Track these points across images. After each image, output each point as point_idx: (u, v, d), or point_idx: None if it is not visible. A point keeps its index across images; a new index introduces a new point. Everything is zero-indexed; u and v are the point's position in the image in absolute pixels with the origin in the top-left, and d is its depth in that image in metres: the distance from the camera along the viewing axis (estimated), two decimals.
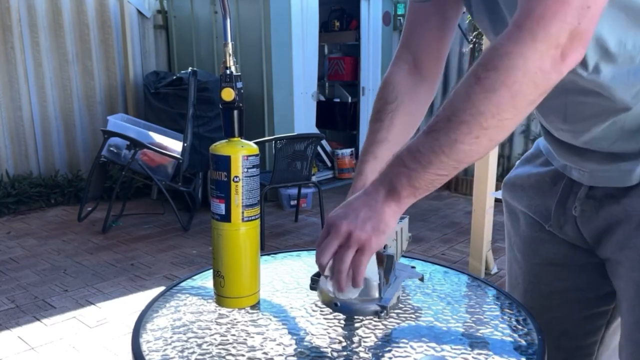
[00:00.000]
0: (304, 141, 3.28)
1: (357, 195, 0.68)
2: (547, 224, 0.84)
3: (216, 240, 0.75)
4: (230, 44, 0.73)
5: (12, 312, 2.36)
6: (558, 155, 0.82)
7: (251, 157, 0.73)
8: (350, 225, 0.64)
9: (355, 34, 4.98)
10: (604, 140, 0.71)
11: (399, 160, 0.64)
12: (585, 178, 0.77)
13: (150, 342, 0.69)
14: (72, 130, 4.42)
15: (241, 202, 0.73)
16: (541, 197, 0.85)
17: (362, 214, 0.65)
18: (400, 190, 0.64)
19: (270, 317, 0.75)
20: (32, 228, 3.60)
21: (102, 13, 4.45)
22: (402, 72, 0.86)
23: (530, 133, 4.37)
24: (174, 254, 3.11)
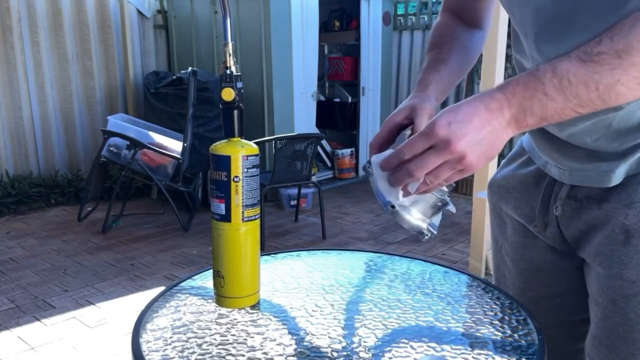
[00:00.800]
0: (304, 141, 3.28)
1: (476, 105, 0.57)
2: (532, 224, 0.83)
3: (216, 240, 0.75)
4: (231, 44, 0.73)
5: (12, 312, 2.36)
6: (540, 150, 0.80)
7: (251, 157, 0.73)
8: (467, 148, 0.56)
9: (355, 34, 4.98)
10: (588, 136, 0.69)
11: (538, 83, 0.55)
12: (566, 176, 0.76)
13: (150, 342, 0.69)
14: (72, 130, 4.42)
15: (241, 202, 0.73)
16: (526, 198, 0.84)
17: (483, 135, 0.56)
18: (527, 117, 0.56)
19: (270, 317, 0.75)
20: (32, 228, 3.60)
21: (102, 13, 4.45)
22: (451, 17, 0.86)
23: None
24: (174, 254, 3.11)
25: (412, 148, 0.59)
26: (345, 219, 3.86)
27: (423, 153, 0.58)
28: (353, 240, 3.40)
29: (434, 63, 0.79)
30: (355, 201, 4.32)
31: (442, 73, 0.78)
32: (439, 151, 0.57)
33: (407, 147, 0.59)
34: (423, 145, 0.58)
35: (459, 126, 0.57)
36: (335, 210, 4.08)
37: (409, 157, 0.59)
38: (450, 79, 0.80)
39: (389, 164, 0.62)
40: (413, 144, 0.59)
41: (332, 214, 3.93)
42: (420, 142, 0.58)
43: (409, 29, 5.17)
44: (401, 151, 0.60)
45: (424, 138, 0.58)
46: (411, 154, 0.59)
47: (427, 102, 0.72)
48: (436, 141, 0.57)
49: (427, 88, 0.75)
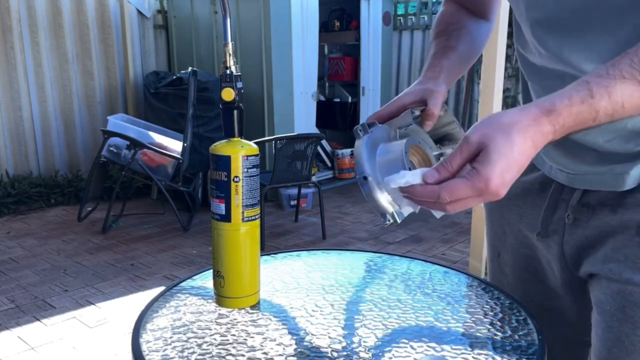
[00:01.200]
0: (304, 141, 3.28)
1: (526, 147, 0.52)
2: (535, 232, 0.79)
3: (216, 240, 0.75)
4: (230, 44, 0.73)
5: (12, 312, 2.36)
6: (545, 155, 0.76)
7: (251, 157, 0.73)
8: (500, 183, 0.53)
9: (355, 34, 4.98)
10: (601, 136, 0.66)
11: (592, 111, 0.52)
12: (577, 181, 0.72)
13: (150, 342, 0.69)
14: (72, 130, 4.42)
15: (241, 202, 0.73)
16: (530, 206, 0.80)
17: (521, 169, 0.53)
18: (558, 136, 0.54)
19: (270, 317, 0.75)
20: (32, 228, 3.60)
21: (102, 13, 4.45)
22: (457, 7, 0.84)
23: None
24: (174, 254, 3.11)
25: (454, 194, 0.54)
26: (345, 219, 3.86)
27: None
28: (353, 240, 3.40)
29: (443, 50, 0.77)
30: (355, 201, 4.32)
31: (452, 61, 0.76)
32: (482, 196, 0.54)
33: (448, 191, 0.54)
34: (467, 194, 0.54)
35: (511, 177, 0.53)
36: (335, 210, 4.08)
37: (449, 201, 0.55)
38: (459, 67, 0.78)
39: (419, 196, 0.57)
40: (456, 190, 0.54)
41: (332, 214, 3.93)
42: (466, 190, 0.54)
43: (409, 29, 5.17)
44: (442, 196, 0.55)
45: (471, 188, 0.53)
46: (452, 198, 0.55)
47: (440, 87, 0.71)
48: (486, 193, 0.54)
49: (439, 74, 0.73)
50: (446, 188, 0.54)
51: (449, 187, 0.54)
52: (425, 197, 0.56)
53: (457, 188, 0.54)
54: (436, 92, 0.70)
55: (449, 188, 0.54)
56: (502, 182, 0.53)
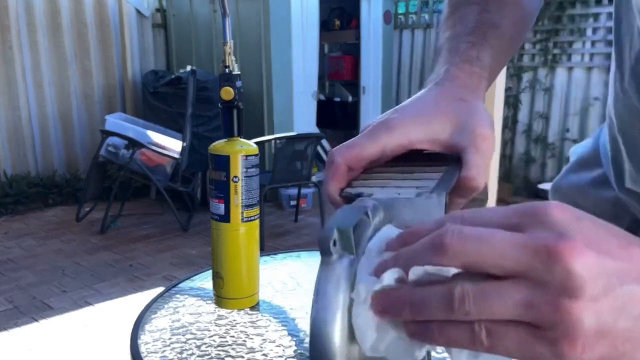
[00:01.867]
0: (303, 141, 3.28)
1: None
2: None
3: (215, 241, 0.74)
4: (230, 43, 0.73)
5: (11, 313, 2.36)
6: (633, 178, 0.55)
7: (250, 156, 0.72)
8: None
9: (355, 32, 4.98)
10: None
11: None
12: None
13: (149, 344, 0.68)
14: (70, 130, 4.42)
15: (240, 202, 0.72)
16: None
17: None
18: None
19: (269, 318, 0.75)
20: (31, 228, 3.59)
21: (101, 12, 4.44)
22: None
23: (532, 133, 4.37)
24: (173, 255, 3.11)
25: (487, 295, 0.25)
26: None
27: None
28: None
29: (480, 28, 0.44)
30: None
31: (495, 49, 0.44)
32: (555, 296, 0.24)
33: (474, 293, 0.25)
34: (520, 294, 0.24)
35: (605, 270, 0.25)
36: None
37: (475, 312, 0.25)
38: (503, 60, 0.48)
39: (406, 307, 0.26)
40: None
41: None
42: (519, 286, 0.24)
43: (409, 27, 5.17)
44: (457, 297, 0.25)
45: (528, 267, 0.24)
46: (486, 306, 0.24)
47: (485, 117, 0.38)
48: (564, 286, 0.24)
49: (479, 82, 0.41)
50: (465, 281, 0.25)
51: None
52: (423, 305, 0.25)
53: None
54: (480, 135, 0.37)
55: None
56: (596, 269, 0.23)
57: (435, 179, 0.36)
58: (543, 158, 4.33)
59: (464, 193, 0.38)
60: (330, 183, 0.38)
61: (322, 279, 0.29)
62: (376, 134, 0.38)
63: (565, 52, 4.13)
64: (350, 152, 0.38)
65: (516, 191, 4.36)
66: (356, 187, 0.37)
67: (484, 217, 0.26)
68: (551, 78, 4.22)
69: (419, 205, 0.33)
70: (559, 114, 4.24)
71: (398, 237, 0.29)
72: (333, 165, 0.38)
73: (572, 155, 0.72)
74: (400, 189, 0.35)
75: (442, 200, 0.33)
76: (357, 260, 0.29)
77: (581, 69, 4.09)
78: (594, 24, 4.00)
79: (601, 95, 4.01)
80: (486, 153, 0.37)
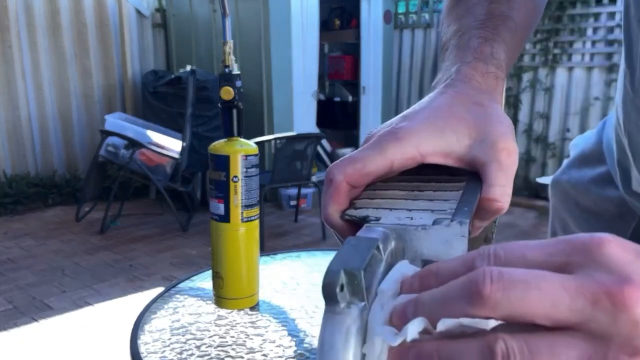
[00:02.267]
0: (303, 141, 3.28)
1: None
2: None
3: (215, 241, 0.74)
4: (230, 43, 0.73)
5: (10, 313, 2.35)
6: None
7: (250, 156, 0.72)
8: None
9: (355, 32, 4.98)
10: None
11: None
12: None
13: (149, 344, 0.68)
14: (70, 130, 4.41)
15: (240, 203, 0.72)
16: (603, 228, 0.59)
17: None
18: None
19: (269, 318, 0.74)
20: (30, 228, 3.59)
21: (100, 12, 4.44)
22: None
23: (532, 132, 4.36)
24: (173, 255, 3.11)
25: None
26: None
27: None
28: None
29: (491, 20, 0.40)
30: None
31: (508, 44, 0.40)
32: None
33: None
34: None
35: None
36: None
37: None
38: (514, 55, 0.43)
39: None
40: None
41: None
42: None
43: (409, 27, 5.17)
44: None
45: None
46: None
47: (503, 125, 0.34)
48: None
49: (496, 82, 0.37)
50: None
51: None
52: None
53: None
54: (503, 149, 0.32)
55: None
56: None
57: (452, 199, 0.31)
58: (544, 158, 4.33)
59: (486, 216, 0.33)
60: (329, 204, 0.32)
61: (328, 332, 0.24)
62: (383, 145, 0.32)
63: (565, 52, 4.13)
64: (353, 167, 0.32)
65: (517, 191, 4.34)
66: (360, 207, 0.32)
67: (523, 254, 0.22)
68: (551, 78, 4.22)
69: (437, 235, 0.28)
70: (559, 114, 4.24)
71: (418, 277, 0.24)
72: (333, 183, 0.32)
73: (573, 148, 0.69)
74: (412, 212, 0.30)
75: (465, 229, 0.28)
76: (368, 307, 0.24)
77: (581, 69, 4.09)
78: (594, 23, 3.99)
79: (601, 95, 4.01)
80: (510, 169, 0.32)
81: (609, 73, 3.94)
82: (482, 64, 0.37)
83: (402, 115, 0.34)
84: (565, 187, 0.67)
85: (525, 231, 3.58)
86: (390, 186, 0.34)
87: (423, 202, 0.31)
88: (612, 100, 3.94)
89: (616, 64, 3.87)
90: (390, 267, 0.26)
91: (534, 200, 4.14)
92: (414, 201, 0.32)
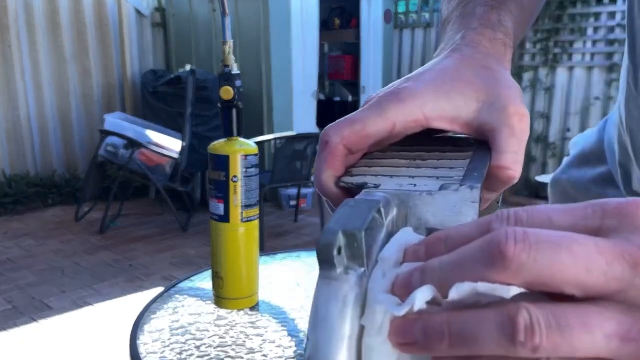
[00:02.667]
0: (303, 141, 3.27)
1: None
2: None
3: (215, 241, 0.74)
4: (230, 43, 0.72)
5: (10, 314, 2.35)
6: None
7: (250, 156, 0.72)
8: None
9: (355, 32, 4.98)
10: None
11: None
12: None
13: (148, 344, 0.68)
14: (69, 130, 4.41)
15: (240, 203, 0.72)
16: None
17: None
18: None
19: (269, 318, 0.74)
20: (30, 228, 3.58)
21: (100, 12, 4.43)
22: None
23: (533, 132, 4.36)
24: (173, 255, 3.10)
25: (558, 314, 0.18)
26: None
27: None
28: None
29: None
30: None
31: (515, 17, 0.37)
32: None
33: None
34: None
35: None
36: None
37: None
38: (520, 34, 0.41)
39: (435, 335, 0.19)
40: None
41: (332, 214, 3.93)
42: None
43: (410, 27, 5.16)
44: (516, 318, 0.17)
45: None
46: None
47: (514, 90, 0.31)
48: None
49: (505, 49, 0.34)
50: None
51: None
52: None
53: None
54: (515, 113, 0.30)
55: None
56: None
57: (459, 167, 0.28)
58: (544, 158, 4.33)
59: (496, 186, 0.30)
60: (324, 170, 0.30)
61: (322, 300, 0.21)
62: (384, 106, 0.30)
63: (566, 52, 4.13)
64: (352, 128, 0.29)
65: (517, 191, 4.36)
66: (357, 175, 0.30)
67: (549, 217, 0.19)
68: (552, 78, 4.21)
69: (444, 201, 0.26)
70: (559, 114, 4.24)
71: (425, 243, 0.21)
72: (328, 146, 0.29)
73: (573, 147, 0.68)
74: (415, 179, 0.28)
75: (477, 195, 0.25)
76: (368, 274, 0.21)
77: (582, 69, 4.08)
78: (595, 23, 3.99)
79: (602, 94, 4.01)
80: (522, 135, 0.30)
81: (609, 73, 3.94)
82: (489, 30, 0.34)
83: (405, 77, 0.32)
84: (565, 186, 0.66)
85: None
86: (390, 155, 0.31)
87: (427, 170, 0.29)
88: (612, 100, 3.94)
89: (617, 64, 3.87)
90: (391, 236, 0.23)
91: (535, 200, 4.14)
92: (417, 169, 0.29)
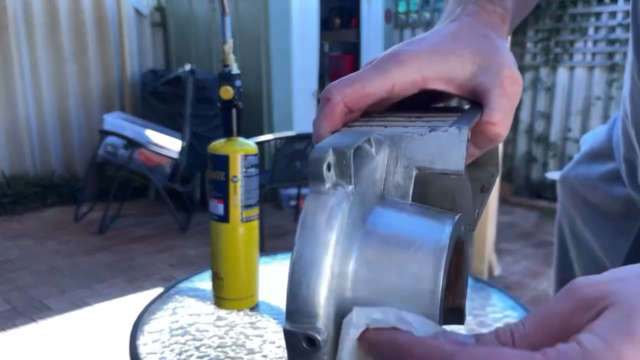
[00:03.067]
0: (304, 140, 3.27)
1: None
2: (611, 264, 0.59)
3: (214, 241, 0.73)
4: (229, 42, 0.72)
5: (9, 314, 2.35)
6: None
7: (250, 156, 0.71)
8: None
9: (355, 32, 4.97)
10: None
11: None
12: None
13: (148, 345, 0.67)
14: (68, 129, 4.41)
15: (240, 203, 0.71)
16: (610, 227, 0.60)
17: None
18: None
19: (269, 319, 0.74)
20: (29, 229, 3.58)
21: (99, 11, 4.43)
22: None
23: (533, 132, 4.36)
24: (172, 255, 3.10)
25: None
26: None
27: None
28: None
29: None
30: None
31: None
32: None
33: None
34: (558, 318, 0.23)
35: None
36: None
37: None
38: (518, 17, 0.42)
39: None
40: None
41: None
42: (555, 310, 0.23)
43: (410, 26, 5.16)
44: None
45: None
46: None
47: (508, 56, 0.33)
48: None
49: (503, 19, 0.36)
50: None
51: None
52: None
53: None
54: (507, 76, 0.32)
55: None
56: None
57: (451, 120, 0.30)
58: (545, 158, 4.33)
59: (483, 142, 0.32)
60: (323, 124, 0.31)
61: (310, 211, 0.22)
62: (384, 67, 0.31)
63: (566, 51, 4.13)
64: (352, 87, 0.31)
65: (518, 191, 4.36)
66: (354, 127, 0.31)
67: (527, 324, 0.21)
68: (553, 77, 4.21)
69: (434, 141, 0.27)
70: (560, 114, 4.23)
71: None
72: (330, 103, 0.31)
73: (584, 144, 0.68)
74: (408, 128, 0.29)
75: (464, 135, 0.27)
76: (354, 192, 0.23)
77: (583, 68, 4.08)
78: (595, 22, 3.99)
79: (603, 94, 4.00)
80: (513, 97, 0.32)
81: (610, 72, 3.93)
82: (489, 4, 0.36)
83: (405, 42, 0.34)
84: (573, 183, 0.67)
85: (526, 231, 3.57)
86: (387, 116, 0.33)
87: (420, 123, 0.31)
88: (613, 99, 3.93)
89: (618, 64, 3.86)
90: (383, 172, 0.25)
91: (536, 201, 4.13)
92: (411, 123, 0.31)
